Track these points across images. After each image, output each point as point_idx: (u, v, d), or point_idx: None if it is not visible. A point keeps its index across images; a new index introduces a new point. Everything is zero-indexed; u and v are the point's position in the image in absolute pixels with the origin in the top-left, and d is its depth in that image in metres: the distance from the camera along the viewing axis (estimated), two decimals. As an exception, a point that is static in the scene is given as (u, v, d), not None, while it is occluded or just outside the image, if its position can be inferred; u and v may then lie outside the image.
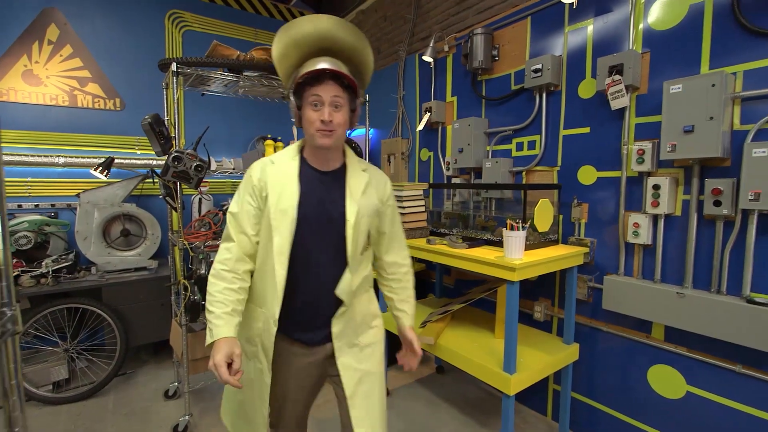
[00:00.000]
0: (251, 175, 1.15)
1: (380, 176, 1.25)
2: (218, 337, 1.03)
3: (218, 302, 1.07)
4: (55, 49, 2.84)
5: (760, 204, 1.36)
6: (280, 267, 1.09)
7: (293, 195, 1.10)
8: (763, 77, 1.41)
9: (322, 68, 1.04)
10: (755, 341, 1.39)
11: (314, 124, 1.06)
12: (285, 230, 1.08)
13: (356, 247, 1.14)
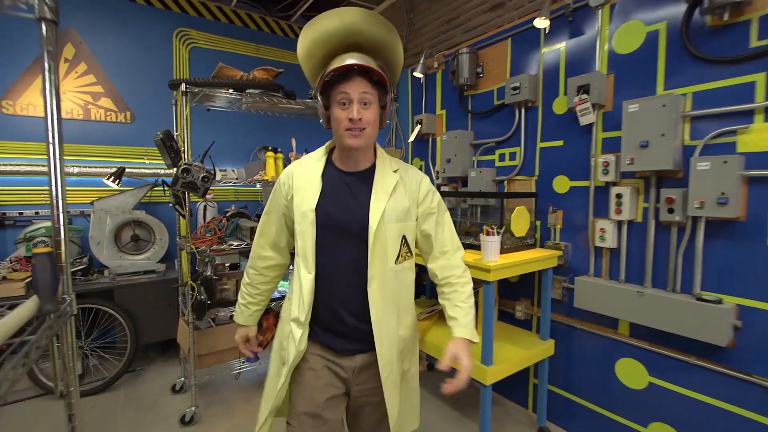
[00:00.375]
0: (280, 177, 1.17)
1: (414, 175, 1.16)
2: (236, 322, 1.30)
3: (241, 293, 1.29)
4: (71, 67, 3.05)
5: (704, 211, 1.52)
6: (306, 270, 1.07)
7: (313, 197, 1.07)
8: (709, 98, 1.58)
9: (350, 64, 0.98)
10: (704, 335, 1.55)
11: (342, 123, 1.01)
12: (307, 233, 1.06)
13: (382, 255, 1.05)
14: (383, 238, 1.05)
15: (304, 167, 1.13)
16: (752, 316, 1.51)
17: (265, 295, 1.29)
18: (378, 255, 1.04)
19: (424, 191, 1.14)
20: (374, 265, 1.04)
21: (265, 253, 1.23)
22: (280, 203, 1.17)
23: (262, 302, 1.29)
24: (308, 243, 1.06)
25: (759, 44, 1.46)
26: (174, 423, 2.24)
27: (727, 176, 1.46)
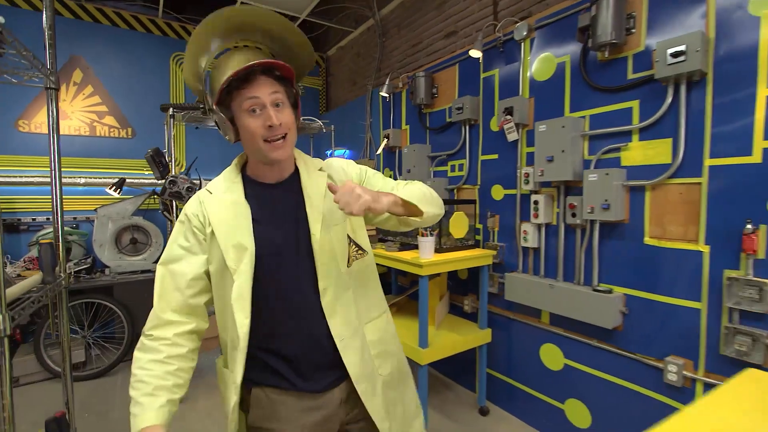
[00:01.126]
0: (185, 213, 0.93)
1: (338, 165, 1.03)
2: (136, 429, 0.78)
3: (137, 382, 0.83)
4: (79, 89, 3.44)
5: (594, 215, 1.81)
6: (243, 315, 0.87)
7: (247, 224, 0.90)
8: (602, 120, 1.88)
9: (251, 64, 0.83)
10: (598, 320, 1.83)
11: (259, 133, 0.86)
12: (245, 268, 0.87)
13: (332, 263, 0.93)
14: (329, 246, 0.93)
15: (217, 194, 0.94)
16: (635, 303, 1.79)
17: (182, 377, 0.87)
18: (327, 264, 0.92)
19: (354, 174, 1.03)
20: (325, 277, 0.92)
21: (172, 317, 0.89)
22: (191, 244, 0.91)
23: (176, 389, 0.86)
24: (245, 282, 0.87)
25: (633, 77, 1.76)
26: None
27: (609, 186, 1.76)
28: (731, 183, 1.48)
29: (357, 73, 4.12)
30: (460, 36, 2.80)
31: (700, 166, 1.56)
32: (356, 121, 3.91)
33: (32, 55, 0.96)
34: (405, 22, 3.36)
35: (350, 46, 4.26)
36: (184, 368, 0.87)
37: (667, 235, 1.69)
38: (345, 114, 4.19)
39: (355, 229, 1.01)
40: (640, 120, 1.74)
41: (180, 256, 0.91)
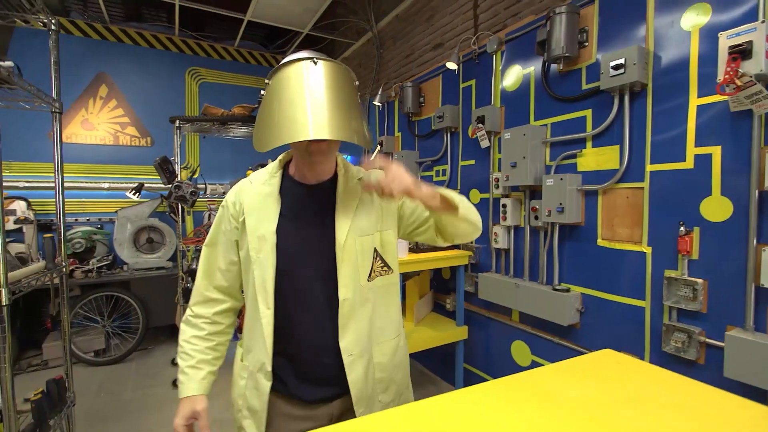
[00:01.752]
0: (226, 199, 0.99)
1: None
2: (181, 396, 0.93)
3: (183, 353, 0.96)
4: (104, 102, 3.81)
5: (551, 218, 1.92)
6: (265, 306, 0.91)
7: (272, 217, 0.93)
8: (561, 128, 1.99)
9: (306, 57, 0.83)
10: (555, 317, 1.93)
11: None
12: (266, 260, 0.91)
13: (352, 272, 0.92)
14: (353, 254, 0.92)
15: (256, 184, 0.98)
16: (591, 302, 1.88)
17: (221, 351, 1.01)
18: (348, 272, 0.91)
19: None
20: (345, 285, 0.91)
21: (213, 295, 0.99)
22: (228, 230, 0.97)
23: (217, 361, 1.00)
24: (267, 272, 0.90)
25: (586, 87, 1.86)
26: (168, 386, 2.83)
27: (562, 190, 1.87)
28: (668, 188, 1.57)
29: (359, 82, 4.32)
30: (446, 48, 2.95)
31: (643, 171, 1.66)
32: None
33: (36, 89, 1.21)
34: (399, 34, 3.53)
35: (353, 57, 4.47)
36: (222, 342, 1.01)
37: (616, 237, 1.78)
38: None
39: (384, 244, 0.97)
40: (592, 128, 1.84)
41: (219, 240, 0.98)
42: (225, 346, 1.03)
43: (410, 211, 1.01)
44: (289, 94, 0.80)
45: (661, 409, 0.66)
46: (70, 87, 3.69)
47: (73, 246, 3.37)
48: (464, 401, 0.73)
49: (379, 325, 0.97)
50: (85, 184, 3.68)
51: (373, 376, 0.95)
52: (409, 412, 0.69)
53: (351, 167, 1.02)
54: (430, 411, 0.69)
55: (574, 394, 0.72)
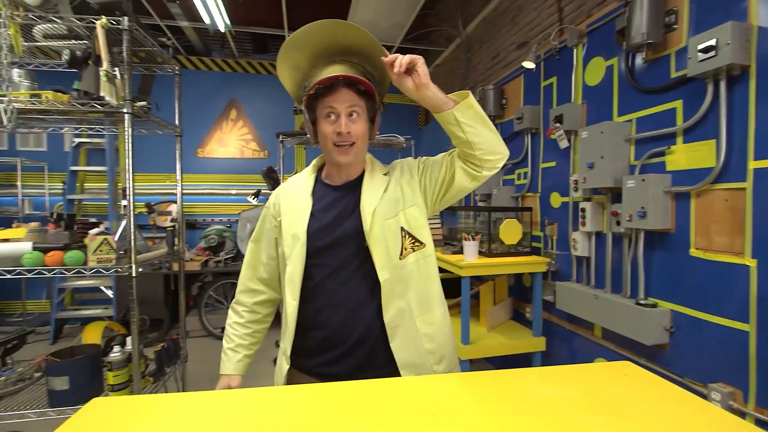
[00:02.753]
0: (269, 201, 1.10)
1: (404, 163, 1.10)
2: (221, 373, 1.07)
3: (226, 336, 1.11)
4: (234, 123, 4.60)
5: (632, 224, 1.73)
6: (291, 297, 0.99)
7: (303, 218, 1.01)
8: (648, 123, 1.78)
9: (334, 76, 0.94)
10: (640, 336, 1.72)
11: (330, 137, 0.97)
12: (297, 257, 0.99)
13: (384, 254, 0.98)
14: (382, 237, 0.98)
15: (291, 186, 1.08)
16: (682, 320, 1.63)
17: (257, 337, 1.13)
18: (382, 255, 0.98)
19: (415, 165, 1.08)
20: (382, 267, 0.98)
21: (254, 286, 1.11)
22: (269, 228, 1.08)
23: (253, 346, 1.12)
24: (297, 268, 0.99)
25: (676, 75, 1.63)
26: (270, 363, 3.29)
27: (645, 193, 1.66)
28: (777, 188, 1.30)
29: (449, 88, 4.37)
30: (530, 46, 2.83)
31: (745, 169, 1.39)
32: (444, 134, 4.16)
33: (162, 120, 1.63)
34: (486, 37, 3.49)
35: (444, 64, 4.54)
36: (259, 329, 1.12)
37: (713, 246, 1.52)
38: (438, 127, 4.47)
39: (409, 220, 1.02)
40: (683, 121, 1.61)
41: (263, 236, 1.10)
42: (262, 334, 1.14)
43: (429, 176, 1.04)
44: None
45: (640, 418, 0.62)
46: (209, 112, 4.57)
47: (208, 241, 4.15)
48: (427, 387, 0.77)
49: (420, 298, 1.01)
50: (219, 191, 4.50)
51: (422, 345, 0.99)
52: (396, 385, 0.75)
53: (378, 165, 1.10)
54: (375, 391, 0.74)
55: (549, 396, 0.71)
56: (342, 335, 0.98)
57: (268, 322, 1.16)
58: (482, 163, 0.96)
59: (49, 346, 3.70)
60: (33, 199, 4.18)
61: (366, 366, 0.98)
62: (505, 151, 0.99)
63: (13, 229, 1.57)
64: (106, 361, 1.51)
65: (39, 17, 1.30)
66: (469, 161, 0.97)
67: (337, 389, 0.76)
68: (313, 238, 0.99)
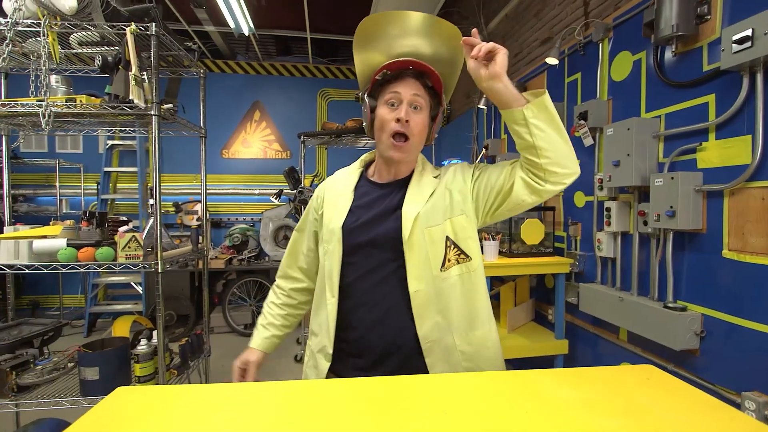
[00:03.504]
0: (315, 193, 1.10)
1: (457, 167, 1.02)
2: (249, 345, 1.08)
3: (262, 313, 1.13)
4: (257, 125, 4.70)
5: (660, 223, 1.66)
6: (331, 294, 0.96)
7: (342, 212, 0.98)
8: (678, 119, 1.70)
9: (405, 60, 0.93)
10: (668, 340, 1.65)
11: (388, 125, 0.92)
12: (334, 252, 0.96)
13: (423, 264, 0.92)
14: (422, 245, 0.92)
15: (337, 180, 1.06)
16: (714, 325, 1.56)
17: (290, 321, 1.13)
18: (418, 264, 0.91)
19: (469, 170, 1.00)
20: (416, 277, 0.91)
21: (293, 273, 1.12)
22: (311, 220, 1.08)
23: (284, 328, 1.11)
24: (334, 263, 0.95)
25: (709, 68, 1.56)
26: (290, 360, 3.34)
27: (674, 191, 1.60)
28: (819, 186, 1.22)
29: (471, 86, 4.33)
30: (554, 41, 2.77)
31: (783, 166, 1.32)
32: (464, 133, 4.13)
33: (186, 122, 1.69)
34: (509, 34, 3.44)
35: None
36: (292, 314, 1.12)
37: (748, 247, 1.44)
38: (458, 126, 4.44)
39: (457, 231, 0.95)
40: (716, 116, 1.53)
41: (306, 227, 1.10)
42: (296, 318, 1.14)
43: (485, 184, 0.95)
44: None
45: (660, 424, 0.59)
46: (234, 114, 4.69)
47: (232, 239, 4.26)
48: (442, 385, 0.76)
49: (462, 314, 0.93)
50: (244, 191, 4.60)
51: (460, 364, 0.92)
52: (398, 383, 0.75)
53: (429, 166, 1.04)
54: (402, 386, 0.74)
55: (565, 397, 0.69)
56: (373, 339, 0.94)
57: (304, 309, 1.15)
58: (547, 175, 0.86)
59: (83, 338, 3.89)
60: (70, 199, 4.41)
61: (389, 367, 0.92)
62: (576, 169, 0.89)
63: (50, 226, 1.66)
64: (133, 354, 1.58)
65: (74, 25, 1.37)
66: (532, 171, 0.87)
67: (352, 385, 0.77)
68: (349, 234, 0.96)
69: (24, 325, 1.75)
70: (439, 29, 0.94)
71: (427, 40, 0.96)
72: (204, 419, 0.63)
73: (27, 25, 1.34)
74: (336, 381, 0.80)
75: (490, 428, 0.60)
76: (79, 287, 4.41)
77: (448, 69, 1.00)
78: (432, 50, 0.97)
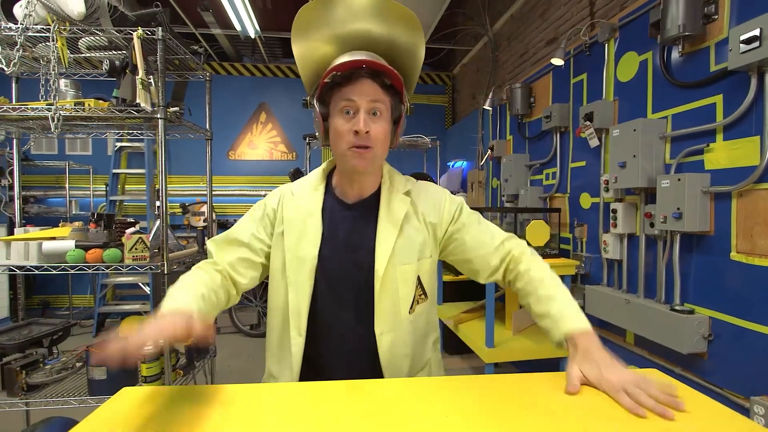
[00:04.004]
0: (265, 202, 0.93)
1: (432, 195, 0.94)
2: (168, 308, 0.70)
3: (178, 289, 0.78)
4: (264, 126, 4.73)
5: (666, 225, 1.65)
6: (297, 332, 0.84)
7: (315, 238, 0.86)
8: (685, 119, 1.69)
9: (357, 60, 0.79)
10: (674, 343, 1.64)
11: (345, 137, 0.81)
12: (303, 284, 0.84)
13: (393, 305, 0.86)
14: (393, 285, 0.85)
15: (298, 198, 0.91)
16: (722, 329, 1.54)
17: (209, 308, 0.79)
18: (387, 305, 0.85)
19: (449, 212, 0.93)
20: (383, 318, 0.85)
21: (234, 275, 0.89)
22: (257, 233, 0.91)
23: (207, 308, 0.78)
24: (303, 297, 0.84)
25: (716, 68, 1.55)
26: (296, 361, 3.36)
27: (680, 193, 1.58)
28: (829, 188, 1.20)
29: (476, 87, 4.32)
30: (560, 42, 2.76)
31: (793, 167, 1.30)
32: (469, 134, 4.12)
33: (192, 124, 1.71)
34: (514, 34, 3.43)
35: (471, 63, 4.49)
36: (214, 305, 0.81)
37: (756, 250, 1.42)
38: (463, 127, 4.43)
39: (426, 272, 0.90)
40: (723, 116, 1.52)
41: (249, 241, 0.90)
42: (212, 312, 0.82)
43: (459, 248, 0.92)
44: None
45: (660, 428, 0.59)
46: (241, 116, 4.72)
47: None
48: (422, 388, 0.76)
49: (419, 352, 0.92)
50: (250, 192, 4.63)
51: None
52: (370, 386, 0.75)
53: (397, 177, 0.94)
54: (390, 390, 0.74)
55: (565, 400, 0.68)
56: (339, 377, 0.82)
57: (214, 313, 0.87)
58: None
59: (92, 338, 3.94)
60: (79, 200, 4.47)
61: None
62: None
63: (59, 228, 1.69)
64: (140, 354, 1.59)
65: (83, 30, 1.39)
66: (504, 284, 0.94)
67: (354, 387, 0.77)
68: (321, 264, 0.85)
69: (34, 325, 1.78)
70: (395, 11, 0.83)
71: (380, 22, 0.84)
72: (210, 419, 0.64)
73: (37, 31, 1.36)
74: (339, 383, 0.80)
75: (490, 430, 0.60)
76: (88, 287, 4.47)
77: (408, 60, 0.89)
78: (387, 34, 0.85)
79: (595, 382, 0.70)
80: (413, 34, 0.86)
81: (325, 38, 0.86)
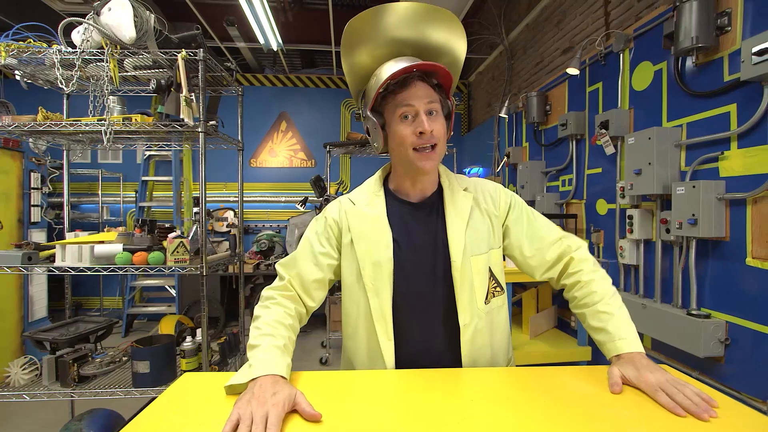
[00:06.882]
0: (325, 215, 0.94)
1: (486, 187, 0.97)
2: (262, 374, 0.72)
3: (265, 335, 0.80)
4: (284, 135, 4.89)
5: (683, 231, 1.69)
6: (386, 337, 0.86)
7: (387, 242, 0.88)
8: (700, 128, 1.73)
9: (409, 66, 0.82)
10: (691, 347, 1.67)
11: (409, 139, 0.83)
12: (384, 288, 0.86)
13: (470, 296, 0.88)
14: (469, 276, 0.88)
15: (360, 206, 0.93)
16: (739, 333, 1.57)
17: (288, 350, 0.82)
18: (466, 297, 0.87)
19: (505, 202, 0.96)
20: (464, 310, 0.87)
21: (306, 299, 0.92)
22: (323, 248, 0.92)
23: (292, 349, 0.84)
24: (385, 301, 0.86)
25: (729, 78, 1.59)
26: (315, 362, 3.45)
27: (695, 199, 1.62)
28: (841, 195, 1.24)
29: (492, 95, 4.39)
30: (575, 51, 2.81)
31: (806, 175, 1.34)
32: (486, 141, 4.18)
33: (227, 136, 1.84)
34: (530, 43, 3.49)
35: (487, 71, 4.56)
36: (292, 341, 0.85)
37: (771, 255, 1.46)
38: (480, 134, 4.50)
39: (495, 263, 0.92)
40: (738, 125, 1.56)
41: (317, 259, 0.91)
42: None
43: (515, 242, 0.95)
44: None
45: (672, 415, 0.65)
46: (262, 125, 4.89)
47: (259, 245, 4.42)
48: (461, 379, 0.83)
49: (496, 348, 0.92)
50: (270, 198, 4.79)
51: None
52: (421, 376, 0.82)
53: (453, 177, 0.97)
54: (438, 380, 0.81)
55: (579, 391, 0.75)
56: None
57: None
58: None
59: (121, 338, 4.11)
60: (110, 206, 4.69)
61: None
62: None
63: (105, 233, 1.82)
64: (179, 350, 1.71)
65: (133, 53, 1.53)
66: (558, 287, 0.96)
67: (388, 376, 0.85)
68: (399, 265, 0.88)
69: (80, 323, 1.92)
70: (440, 15, 0.87)
71: (429, 27, 0.88)
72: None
73: (92, 54, 1.51)
74: (372, 372, 0.88)
75: (514, 417, 0.67)
76: (117, 290, 4.67)
77: (452, 59, 0.93)
78: (434, 37, 0.89)
79: (634, 381, 0.74)
80: (455, 33, 0.90)
81: (374, 42, 0.89)
